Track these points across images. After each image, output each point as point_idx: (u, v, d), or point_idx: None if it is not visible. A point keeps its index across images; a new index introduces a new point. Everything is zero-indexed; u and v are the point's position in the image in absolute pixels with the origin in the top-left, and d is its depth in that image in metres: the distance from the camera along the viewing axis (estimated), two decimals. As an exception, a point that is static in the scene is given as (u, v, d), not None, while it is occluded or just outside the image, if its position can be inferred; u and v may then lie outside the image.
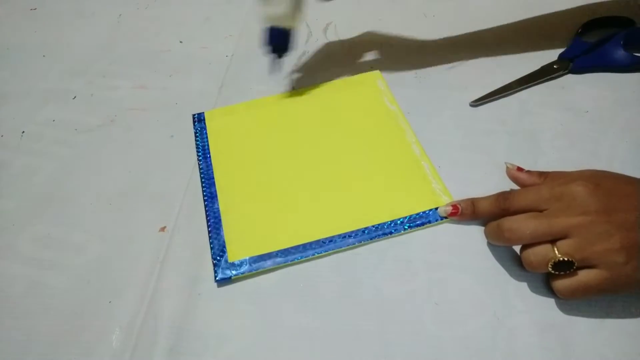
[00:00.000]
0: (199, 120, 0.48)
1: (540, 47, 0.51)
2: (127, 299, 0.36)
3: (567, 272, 0.32)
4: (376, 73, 0.50)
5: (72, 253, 0.39)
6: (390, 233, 0.38)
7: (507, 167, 0.38)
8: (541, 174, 0.37)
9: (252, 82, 0.52)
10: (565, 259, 0.31)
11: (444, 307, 0.34)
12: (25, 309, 0.36)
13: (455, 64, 0.51)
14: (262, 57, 0.55)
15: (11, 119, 0.50)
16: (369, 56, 0.53)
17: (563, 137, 0.44)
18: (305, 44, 0.56)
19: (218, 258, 0.37)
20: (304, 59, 0.54)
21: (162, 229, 0.40)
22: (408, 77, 0.50)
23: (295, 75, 0.52)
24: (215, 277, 0.36)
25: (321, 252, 0.37)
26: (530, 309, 0.34)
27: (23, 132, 0.49)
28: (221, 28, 0.59)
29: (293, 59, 0.54)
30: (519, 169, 0.38)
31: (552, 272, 0.32)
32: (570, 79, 0.49)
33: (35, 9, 0.65)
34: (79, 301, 0.36)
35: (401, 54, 0.53)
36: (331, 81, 0.50)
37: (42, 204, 0.43)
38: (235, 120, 0.48)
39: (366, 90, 0.49)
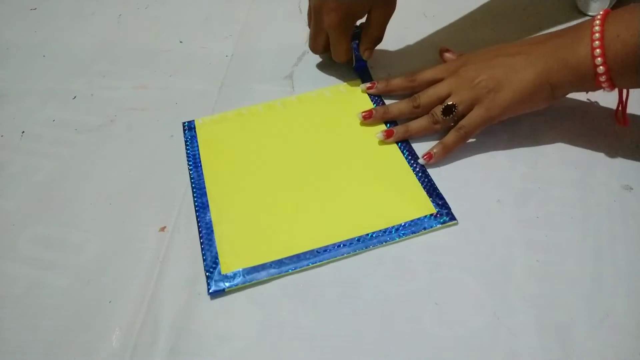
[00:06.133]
0: (189, 128, 0.47)
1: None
2: (127, 299, 0.36)
3: (453, 114, 0.42)
4: (358, 82, 0.50)
5: (72, 253, 0.39)
6: (386, 241, 0.38)
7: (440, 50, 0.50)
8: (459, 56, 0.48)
9: (252, 82, 0.52)
10: (448, 103, 0.42)
11: (444, 307, 0.34)
12: (25, 309, 0.36)
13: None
14: (262, 57, 0.55)
15: (11, 119, 0.50)
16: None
17: (563, 136, 0.44)
18: (305, 44, 0.56)
19: (211, 270, 0.37)
20: (304, 59, 0.54)
21: (162, 229, 0.40)
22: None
23: (296, 76, 0.52)
24: (209, 289, 0.36)
25: (315, 262, 0.37)
26: (530, 309, 0.34)
27: (23, 132, 0.49)
28: (221, 28, 0.59)
29: (293, 59, 0.54)
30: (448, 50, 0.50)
31: (443, 117, 0.42)
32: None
33: (35, 9, 0.65)
34: (79, 301, 0.36)
35: (401, 53, 0.53)
36: (321, 88, 0.50)
37: (42, 204, 0.43)
38: (226, 128, 0.47)
39: (356, 98, 0.49)
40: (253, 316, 0.35)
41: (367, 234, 0.38)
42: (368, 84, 0.47)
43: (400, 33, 0.56)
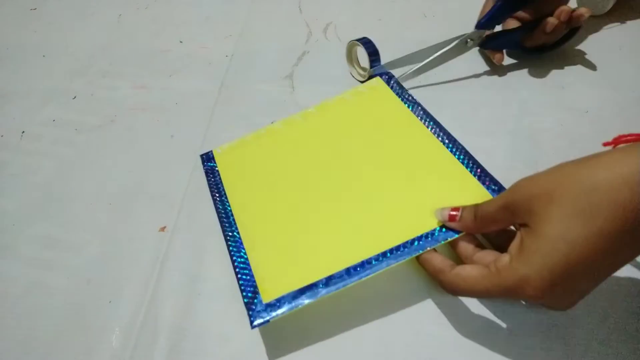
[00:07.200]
0: (207, 159, 0.44)
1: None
2: (127, 299, 0.36)
3: None
4: (377, 79, 0.47)
5: (72, 253, 0.39)
6: (447, 239, 0.33)
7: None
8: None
9: (252, 82, 0.52)
10: None
11: (444, 307, 0.34)
12: (25, 309, 0.36)
13: (455, 63, 0.51)
14: (262, 57, 0.55)
15: (11, 119, 0.50)
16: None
17: (563, 137, 0.44)
18: (305, 44, 0.56)
19: (251, 300, 0.33)
20: (304, 59, 0.54)
21: (162, 229, 0.40)
22: (408, 77, 0.50)
23: (296, 76, 0.52)
24: (251, 322, 0.31)
25: (368, 275, 0.33)
26: (530, 309, 0.34)
27: (23, 132, 0.49)
28: (221, 28, 0.59)
29: (293, 59, 0.54)
30: (452, 217, 0.33)
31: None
32: (569, 79, 0.49)
33: (35, 9, 0.65)
34: (79, 301, 0.36)
35: (401, 53, 0.53)
36: (339, 94, 0.47)
37: (42, 204, 0.43)
38: (246, 153, 0.44)
39: (379, 95, 0.46)
40: (253, 316, 0.35)
41: (425, 234, 0.34)
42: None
43: (400, 33, 0.56)
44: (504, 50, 0.50)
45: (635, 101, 0.46)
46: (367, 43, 0.48)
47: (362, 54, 0.50)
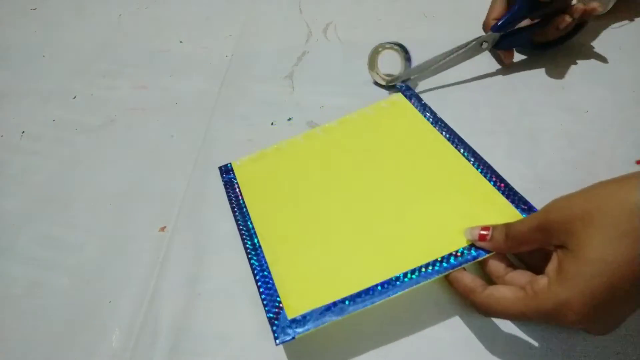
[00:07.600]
0: (226, 171, 0.43)
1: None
2: (127, 299, 0.36)
3: None
4: (398, 94, 0.47)
5: (72, 253, 0.39)
6: (477, 258, 0.32)
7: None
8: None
9: (252, 82, 0.52)
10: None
11: (444, 307, 0.34)
12: (25, 309, 0.36)
13: (455, 63, 0.51)
14: (262, 57, 0.55)
15: (11, 119, 0.50)
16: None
17: (563, 137, 0.44)
18: (305, 44, 0.56)
19: (276, 316, 0.32)
20: (304, 59, 0.54)
21: (162, 229, 0.40)
22: (416, 80, 0.50)
23: (296, 76, 0.52)
24: (276, 338, 0.30)
25: (396, 293, 0.32)
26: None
27: (23, 132, 0.49)
28: (221, 28, 0.59)
29: (293, 59, 0.54)
30: (482, 237, 0.32)
31: None
32: (569, 79, 0.49)
33: (35, 9, 0.65)
34: (79, 301, 0.36)
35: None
36: (360, 109, 0.46)
37: (42, 204, 0.43)
38: (266, 165, 0.43)
39: (401, 111, 0.45)
40: (253, 316, 0.35)
41: (452, 253, 0.33)
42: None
43: (400, 33, 0.56)
44: (514, 49, 0.50)
45: (635, 101, 0.46)
46: (406, 51, 0.48)
47: (383, 59, 0.49)
